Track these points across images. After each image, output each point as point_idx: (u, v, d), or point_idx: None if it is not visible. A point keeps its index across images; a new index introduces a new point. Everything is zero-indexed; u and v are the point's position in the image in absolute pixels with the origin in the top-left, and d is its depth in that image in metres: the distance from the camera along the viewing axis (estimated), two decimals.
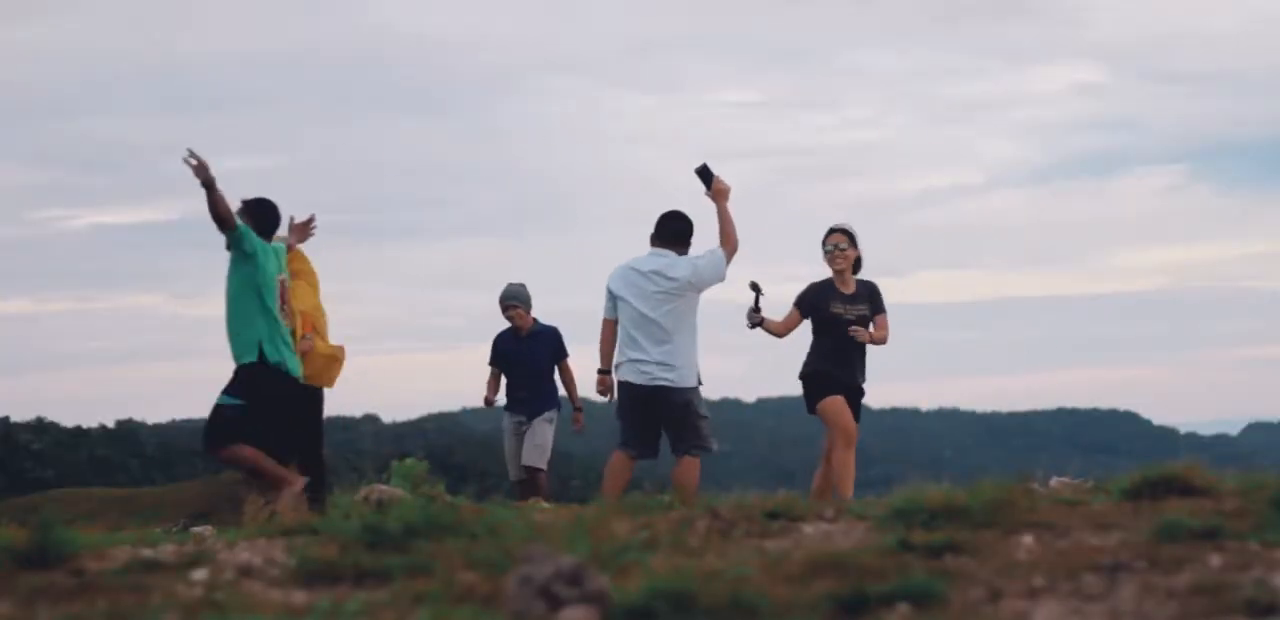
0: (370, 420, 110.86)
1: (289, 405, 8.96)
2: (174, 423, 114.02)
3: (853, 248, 9.27)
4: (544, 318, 11.21)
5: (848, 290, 9.28)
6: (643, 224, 8.84)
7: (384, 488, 6.67)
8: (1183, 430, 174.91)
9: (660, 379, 8.63)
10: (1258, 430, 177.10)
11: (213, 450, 8.65)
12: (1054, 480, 6.83)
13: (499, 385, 11.26)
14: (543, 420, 11.04)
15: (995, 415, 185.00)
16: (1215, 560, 3.83)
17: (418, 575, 3.99)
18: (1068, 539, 4.32)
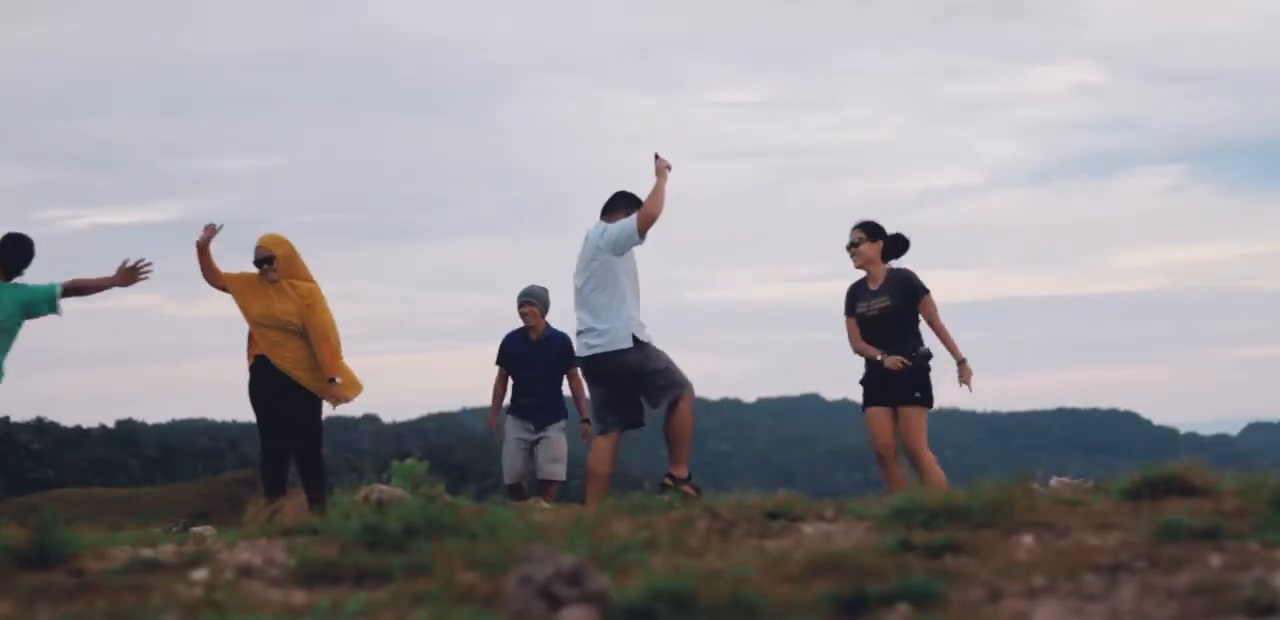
0: (370, 420, 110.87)
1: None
2: (174, 423, 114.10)
3: (870, 241, 9.12)
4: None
5: (874, 285, 9.13)
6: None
7: (384, 488, 6.67)
8: (1183, 430, 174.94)
9: (595, 347, 8.48)
10: (1258, 430, 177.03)
11: None
12: (1054, 480, 6.83)
13: (506, 388, 10.97)
14: (558, 430, 10.85)
15: (995, 415, 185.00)
16: (1215, 560, 3.83)
17: (418, 575, 3.99)
18: (1068, 539, 4.32)
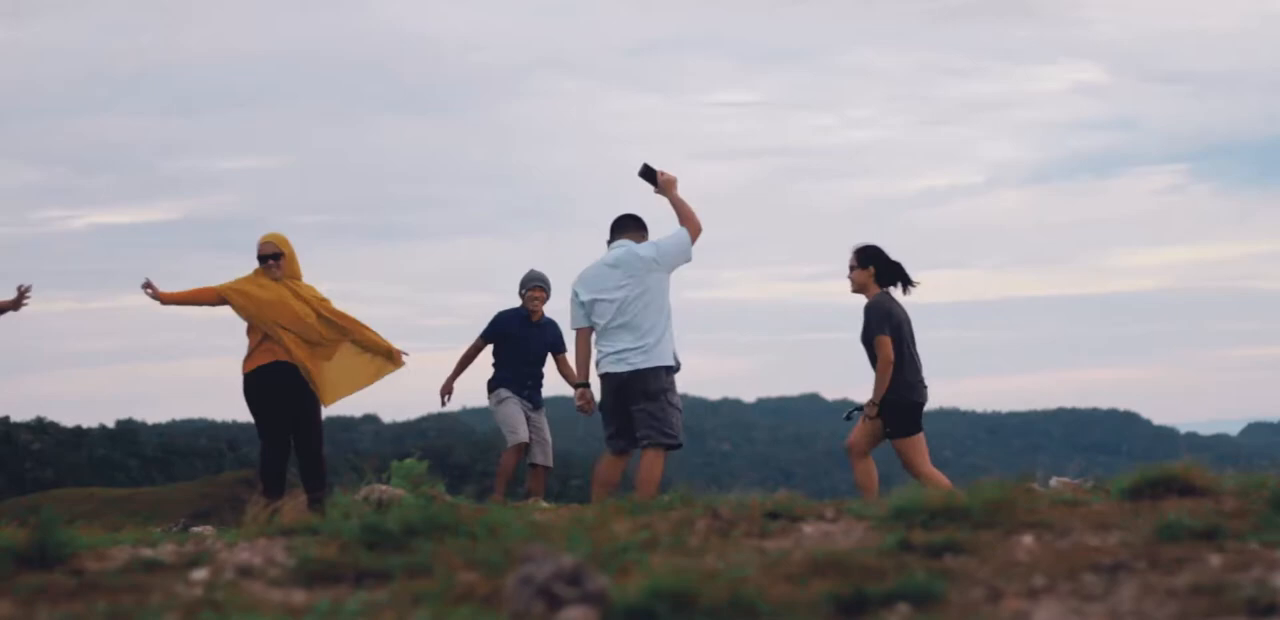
0: (370, 420, 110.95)
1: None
2: (174, 423, 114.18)
3: (860, 269, 8.86)
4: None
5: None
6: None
7: (384, 488, 6.67)
8: (1183, 430, 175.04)
9: (637, 363, 8.38)
10: (1258, 430, 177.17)
11: None
12: (1054, 480, 6.84)
13: (473, 362, 11.01)
14: (544, 415, 10.96)
15: (995, 415, 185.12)
16: (1215, 560, 3.83)
17: (418, 575, 3.99)
18: (1068, 539, 4.32)
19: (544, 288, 10.94)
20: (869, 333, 8.75)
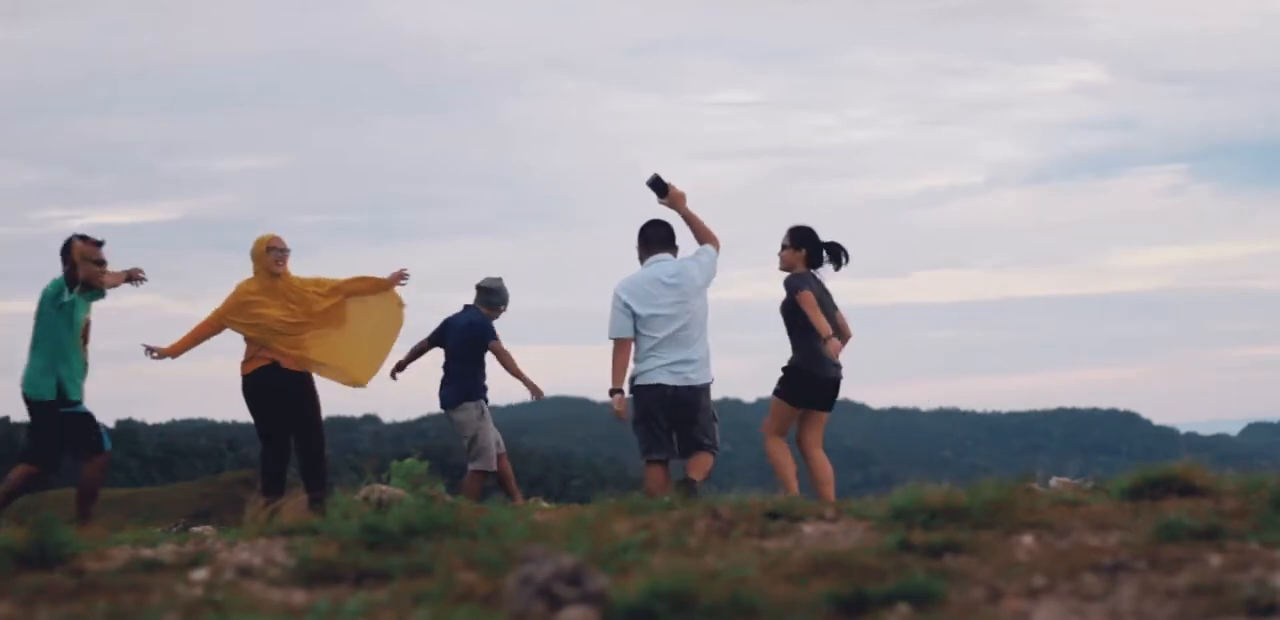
0: (370, 420, 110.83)
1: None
2: (174, 423, 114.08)
3: (791, 249, 9.04)
4: (543, 317, 11.16)
5: None
6: (639, 225, 8.81)
7: (384, 488, 6.67)
8: (1183, 430, 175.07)
9: (694, 378, 8.63)
10: (1258, 430, 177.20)
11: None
12: (1054, 480, 6.84)
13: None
14: None
15: (995, 415, 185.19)
16: (1215, 560, 3.83)
17: (418, 575, 3.99)
18: (1068, 539, 4.32)
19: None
20: (790, 297, 8.88)
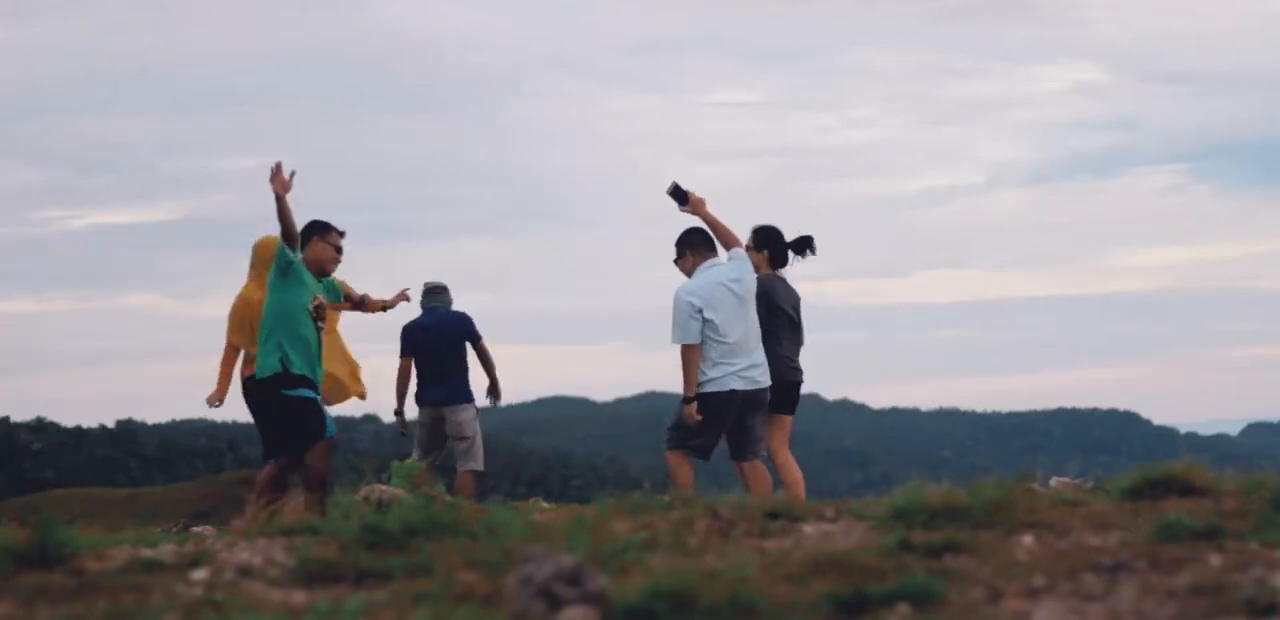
0: (370, 420, 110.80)
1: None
2: (174, 423, 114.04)
3: (753, 250, 9.01)
4: (543, 316, 11.14)
5: None
6: (642, 224, 8.91)
7: (384, 488, 6.66)
8: (1183, 430, 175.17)
9: (761, 382, 8.65)
10: (1258, 430, 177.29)
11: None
12: (1054, 480, 6.83)
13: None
14: None
15: (995, 415, 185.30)
16: (1215, 560, 3.83)
17: (418, 575, 3.99)
18: (1068, 539, 4.32)
19: None
20: (760, 302, 8.82)
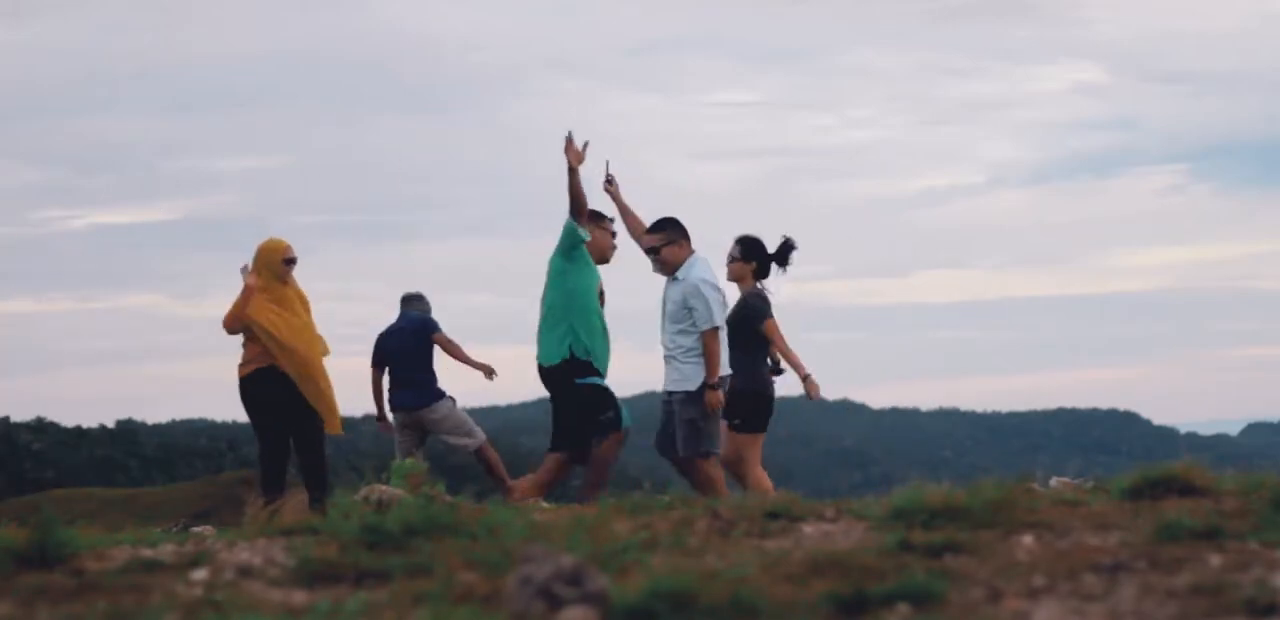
0: (370, 420, 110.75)
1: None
2: (174, 423, 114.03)
3: (739, 261, 8.99)
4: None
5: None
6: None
7: (384, 488, 6.66)
8: (1183, 430, 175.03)
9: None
10: (1258, 430, 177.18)
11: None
12: (1054, 480, 6.83)
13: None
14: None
15: (995, 415, 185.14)
16: (1215, 560, 3.83)
17: (418, 575, 3.99)
18: (1068, 539, 4.32)
19: None
20: (754, 319, 8.79)
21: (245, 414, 9.32)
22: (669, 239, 8.61)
